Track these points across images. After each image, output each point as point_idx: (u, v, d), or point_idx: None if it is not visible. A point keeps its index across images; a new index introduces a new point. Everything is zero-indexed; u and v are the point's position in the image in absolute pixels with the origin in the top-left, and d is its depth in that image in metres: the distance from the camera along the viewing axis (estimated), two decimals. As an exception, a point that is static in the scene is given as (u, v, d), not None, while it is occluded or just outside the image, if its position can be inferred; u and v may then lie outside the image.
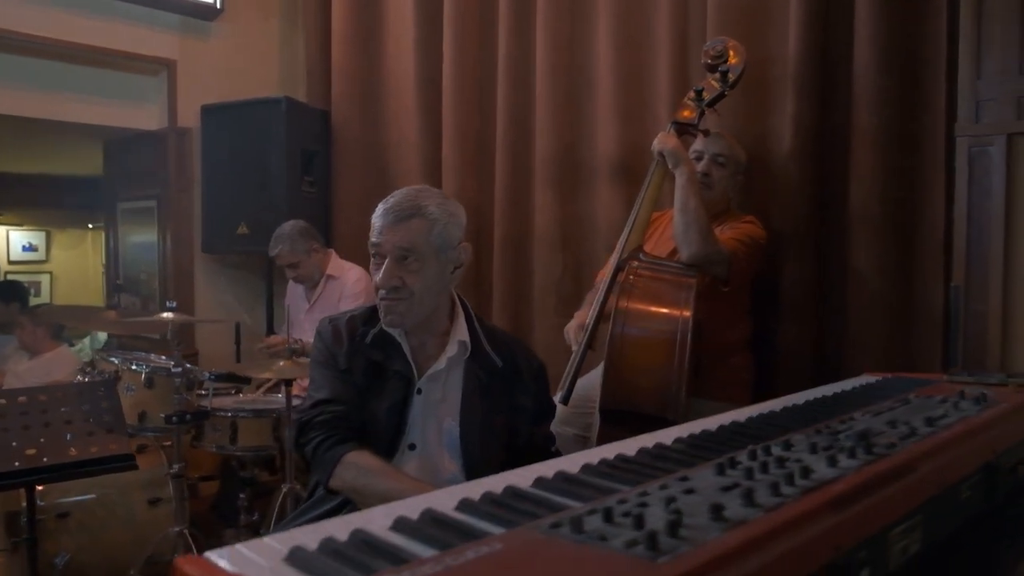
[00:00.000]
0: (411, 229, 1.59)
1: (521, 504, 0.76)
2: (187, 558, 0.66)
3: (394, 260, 1.60)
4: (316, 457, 1.56)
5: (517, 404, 1.72)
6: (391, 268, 1.60)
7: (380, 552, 0.64)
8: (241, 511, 2.99)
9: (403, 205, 1.61)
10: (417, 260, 1.60)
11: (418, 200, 1.62)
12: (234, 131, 3.88)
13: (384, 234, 1.60)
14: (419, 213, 1.60)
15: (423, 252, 1.60)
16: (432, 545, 0.66)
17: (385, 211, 1.62)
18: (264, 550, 0.67)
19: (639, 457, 0.92)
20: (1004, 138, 2.16)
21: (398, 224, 1.59)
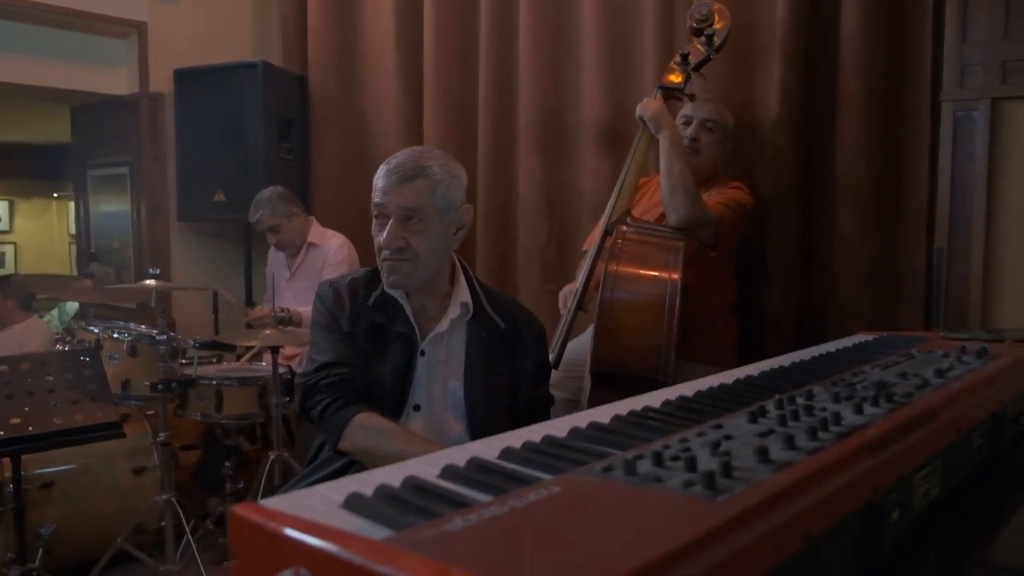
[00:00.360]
0: (415, 190, 1.58)
1: (563, 452, 0.77)
2: (245, 505, 0.65)
3: (398, 221, 1.59)
4: (324, 419, 1.55)
5: (518, 366, 1.73)
6: (395, 228, 1.59)
7: (436, 497, 0.65)
8: (227, 479, 2.97)
9: (407, 165, 1.60)
10: (421, 221, 1.59)
11: (421, 160, 1.61)
12: (209, 96, 3.80)
13: (388, 194, 1.59)
14: (423, 174, 1.59)
15: (427, 213, 1.59)
16: (484, 491, 0.66)
17: (388, 171, 1.60)
18: (317, 498, 0.67)
19: (667, 408, 0.94)
20: (988, 102, 2.20)
21: (402, 184, 1.58)
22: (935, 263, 2.32)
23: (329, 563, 0.54)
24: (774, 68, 2.57)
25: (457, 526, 0.57)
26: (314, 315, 1.69)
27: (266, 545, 0.61)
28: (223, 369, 3.13)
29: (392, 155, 1.66)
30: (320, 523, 0.58)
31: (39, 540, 2.51)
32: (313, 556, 0.56)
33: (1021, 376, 1.17)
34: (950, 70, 2.26)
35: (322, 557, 0.55)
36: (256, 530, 0.62)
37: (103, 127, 4.12)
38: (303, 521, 0.59)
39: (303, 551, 0.57)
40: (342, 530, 0.57)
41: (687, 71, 2.41)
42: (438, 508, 0.62)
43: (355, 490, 0.66)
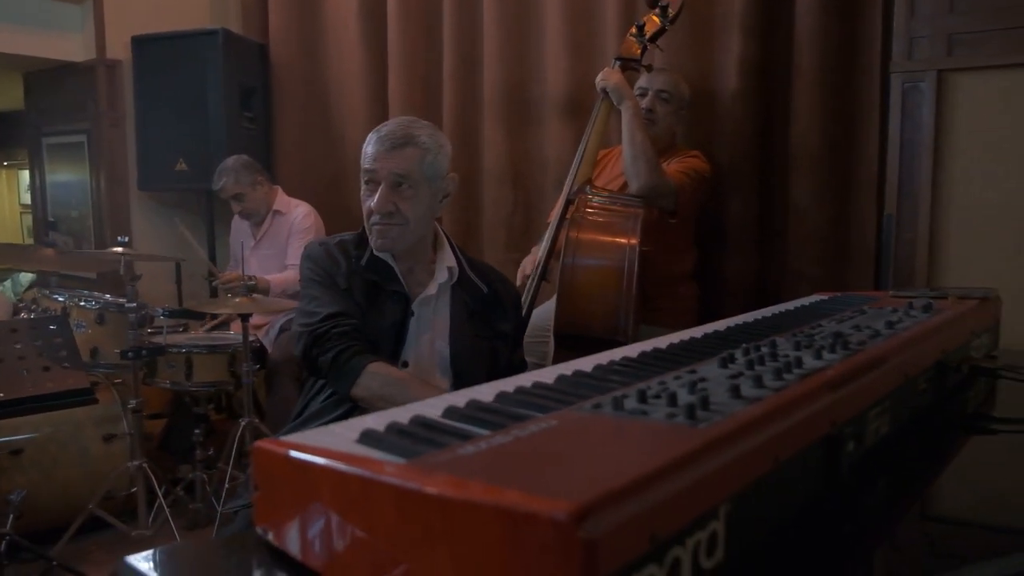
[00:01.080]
0: (406, 157, 1.64)
1: (553, 395, 0.83)
2: (266, 440, 0.71)
3: (388, 186, 1.65)
4: (336, 365, 1.59)
5: (499, 329, 1.80)
6: (386, 194, 1.64)
7: (444, 431, 0.71)
8: (196, 447, 3.00)
9: (397, 133, 1.65)
10: (411, 187, 1.65)
11: (411, 129, 1.67)
12: (168, 64, 3.75)
13: (379, 160, 1.65)
14: (412, 142, 1.65)
15: (416, 179, 1.66)
16: (487, 427, 0.72)
17: (379, 138, 1.66)
18: (332, 435, 0.72)
19: (644, 358, 1.01)
20: (935, 74, 2.31)
21: (393, 151, 1.64)
22: (884, 229, 2.44)
23: (358, 485, 0.60)
24: (732, 41, 2.65)
25: (469, 451, 0.63)
26: (306, 273, 1.73)
27: (293, 474, 0.67)
28: (191, 337, 3.14)
29: (380, 124, 1.72)
30: (346, 452, 0.64)
31: (9, 506, 2.51)
32: (342, 481, 0.62)
33: (963, 328, 1.27)
34: (899, 42, 2.36)
35: (352, 480, 0.61)
36: (283, 461, 0.68)
37: (59, 94, 4.03)
38: (329, 451, 0.65)
39: (331, 477, 0.63)
40: (368, 456, 0.63)
41: (643, 42, 2.48)
42: (447, 440, 0.68)
43: (369, 426, 0.72)
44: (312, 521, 0.65)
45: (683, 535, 0.57)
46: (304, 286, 1.75)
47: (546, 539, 0.49)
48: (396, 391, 1.54)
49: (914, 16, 2.33)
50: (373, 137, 1.69)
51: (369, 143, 1.69)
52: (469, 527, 0.52)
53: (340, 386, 1.61)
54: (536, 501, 0.50)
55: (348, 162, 3.83)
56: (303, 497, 0.66)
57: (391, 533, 0.58)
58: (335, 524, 0.63)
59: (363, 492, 0.60)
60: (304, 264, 1.76)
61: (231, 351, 2.96)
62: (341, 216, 3.72)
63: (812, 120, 2.56)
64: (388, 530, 0.58)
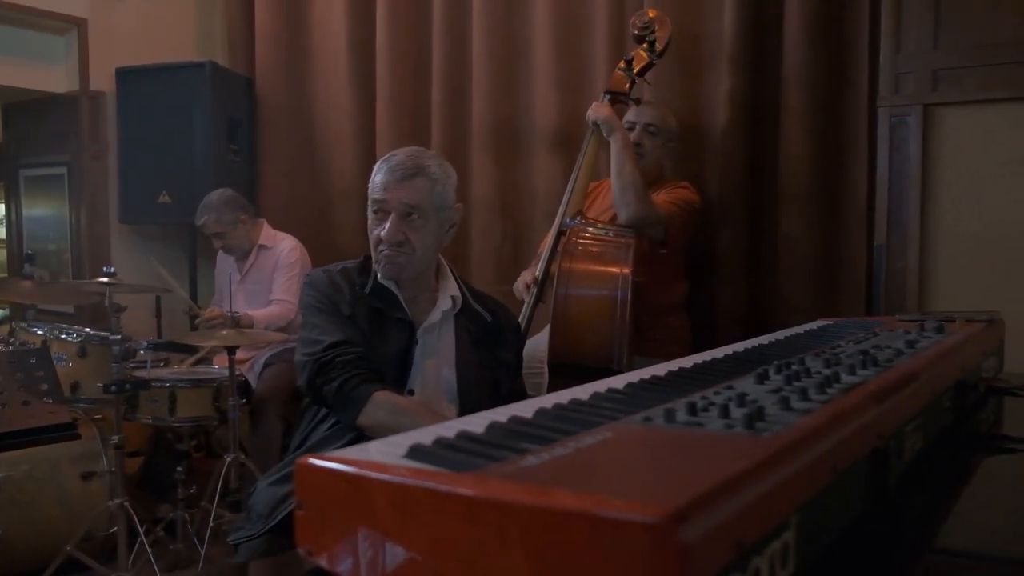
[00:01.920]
0: (416, 187, 1.65)
1: (593, 411, 0.82)
2: (312, 456, 0.68)
3: (399, 216, 1.65)
4: (342, 394, 1.56)
5: (500, 358, 1.79)
6: (396, 224, 1.65)
7: (495, 445, 0.69)
8: (178, 484, 2.91)
9: (407, 164, 1.66)
10: (420, 218, 1.66)
11: (420, 160, 1.68)
12: (154, 96, 3.73)
13: (389, 191, 1.65)
14: (422, 172, 1.66)
15: (426, 210, 1.66)
16: (538, 441, 0.70)
17: (390, 168, 1.65)
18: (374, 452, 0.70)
19: (674, 376, 1.00)
20: (920, 108, 2.37)
21: (403, 182, 1.64)
22: (875, 258, 2.48)
23: (423, 498, 0.58)
24: (721, 75, 2.70)
25: (532, 463, 0.61)
26: (308, 300, 1.71)
27: (345, 490, 0.64)
28: (174, 372, 3.07)
29: (388, 154, 1.71)
30: (404, 465, 0.62)
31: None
32: (404, 494, 0.59)
33: (976, 349, 1.28)
34: (885, 78, 2.43)
35: (415, 493, 0.58)
36: (333, 477, 0.65)
37: (39, 125, 3.99)
38: (384, 465, 0.63)
39: (391, 491, 0.60)
40: (432, 470, 0.61)
41: (631, 76, 2.52)
42: (502, 454, 0.66)
43: (417, 441, 0.70)
44: (366, 538, 0.63)
45: (762, 544, 0.56)
46: (306, 314, 1.72)
47: (640, 545, 0.47)
48: (404, 420, 1.51)
49: (900, 53, 2.40)
50: (383, 167, 1.69)
51: (378, 172, 1.69)
52: (553, 535, 0.50)
53: (346, 415, 1.57)
54: (629, 506, 0.48)
55: (335, 194, 3.81)
56: (356, 513, 0.63)
57: (459, 546, 0.55)
58: (393, 539, 0.60)
59: (428, 505, 0.57)
60: (306, 291, 1.74)
61: (216, 385, 2.89)
62: (327, 249, 3.69)
63: (801, 153, 2.60)
64: (455, 543, 0.56)
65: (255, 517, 1.63)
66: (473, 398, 1.70)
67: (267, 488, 1.65)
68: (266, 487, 1.66)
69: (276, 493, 1.61)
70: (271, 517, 1.58)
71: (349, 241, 3.79)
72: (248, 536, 1.59)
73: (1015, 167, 2.26)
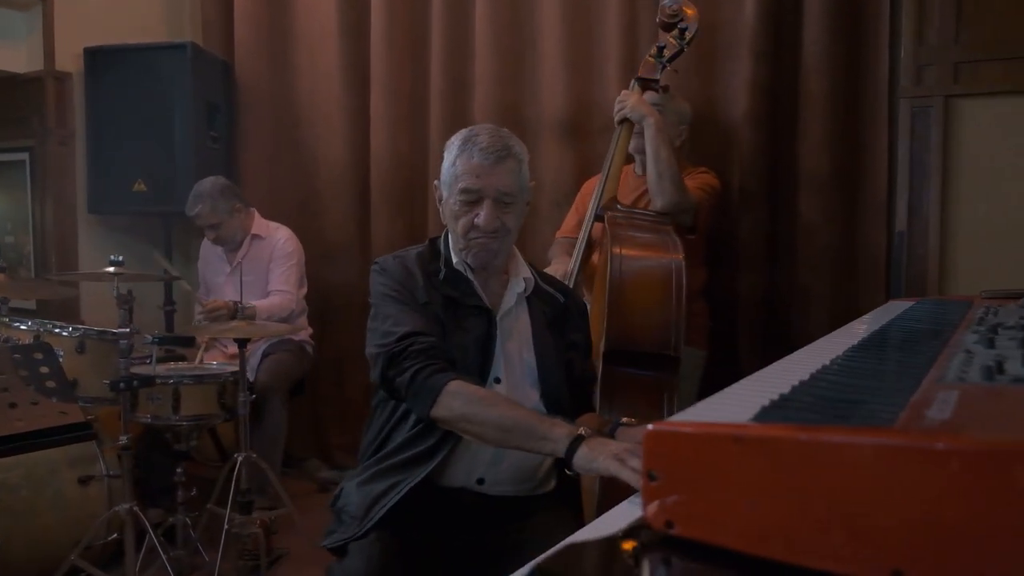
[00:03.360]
0: (508, 171, 1.59)
1: (884, 376, 0.80)
2: (664, 423, 0.64)
3: (493, 202, 1.57)
4: (414, 385, 1.49)
5: (571, 340, 1.75)
6: (492, 210, 1.57)
7: (845, 402, 0.66)
8: (178, 487, 2.75)
9: (497, 146, 1.58)
10: (513, 201, 1.60)
11: (506, 140, 1.61)
12: (126, 78, 3.52)
13: (483, 177, 1.57)
14: (511, 154, 1.60)
15: (516, 193, 1.61)
16: (885, 400, 0.68)
17: (481, 151, 1.57)
18: (718, 414, 0.66)
19: (880, 350, 0.99)
20: (942, 99, 2.45)
21: (496, 166, 1.57)
22: (896, 246, 2.55)
23: (824, 453, 0.55)
24: (742, 66, 2.73)
25: (937, 417, 0.59)
26: (379, 289, 1.63)
27: (716, 453, 0.60)
28: (177, 367, 2.90)
29: (467, 134, 1.62)
30: (776, 423, 0.59)
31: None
32: (809, 452, 0.56)
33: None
34: (907, 70, 2.50)
35: (826, 450, 0.55)
36: (700, 442, 0.61)
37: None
38: (762, 425, 0.59)
39: (791, 449, 0.57)
40: (813, 427, 0.58)
41: (662, 63, 2.52)
42: (870, 411, 0.64)
43: (764, 404, 0.67)
44: (747, 497, 0.59)
45: None
46: (378, 303, 1.64)
47: None
48: (480, 410, 1.45)
49: (922, 45, 2.48)
50: (470, 150, 1.58)
51: (465, 153, 1.58)
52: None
53: (419, 407, 1.50)
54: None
55: (321, 183, 3.69)
56: (729, 475, 0.59)
57: (880, 496, 0.53)
58: (796, 497, 0.57)
59: (832, 459, 0.54)
60: (379, 279, 1.65)
61: (222, 381, 2.75)
62: (313, 239, 3.57)
63: (821, 142, 2.65)
64: (877, 494, 0.53)
65: (348, 519, 1.56)
66: (554, 381, 1.66)
67: (358, 489, 1.59)
68: (356, 488, 1.59)
69: (370, 493, 1.55)
70: (368, 517, 1.52)
71: (337, 232, 3.67)
72: (346, 538, 1.51)
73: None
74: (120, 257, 2.43)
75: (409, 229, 3.52)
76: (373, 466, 1.60)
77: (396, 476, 1.54)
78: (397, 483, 1.52)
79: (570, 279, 2.49)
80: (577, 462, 1.29)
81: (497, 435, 1.43)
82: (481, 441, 1.47)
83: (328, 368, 3.70)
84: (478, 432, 1.44)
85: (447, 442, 1.53)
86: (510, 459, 1.58)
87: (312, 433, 3.78)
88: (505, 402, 1.48)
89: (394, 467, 1.55)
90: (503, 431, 1.41)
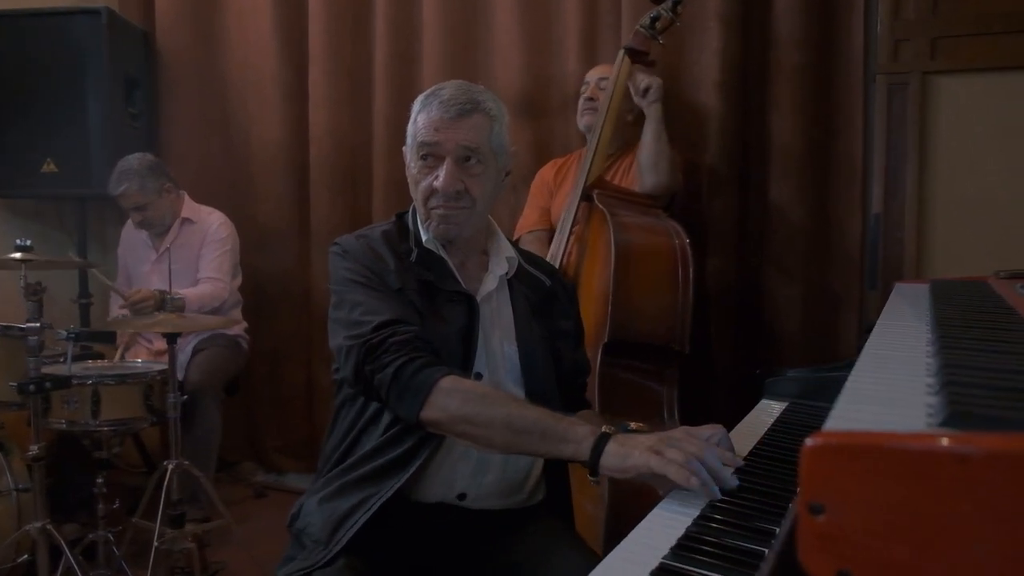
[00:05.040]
0: (474, 126, 1.37)
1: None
2: (826, 435, 0.46)
3: (455, 161, 1.37)
4: (399, 384, 1.26)
5: (559, 328, 1.56)
6: (453, 170, 1.36)
7: None
8: (99, 499, 2.45)
9: (461, 99, 1.37)
10: (480, 163, 1.39)
11: (473, 94, 1.40)
12: (30, 46, 3.15)
13: (442, 131, 1.36)
14: (479, 108, 1.38)
15: (484, 154, 1.39)
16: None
17: (441, 103, 1.37)
18: (859, 420, 0.49)
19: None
20: (919, 75, 2.37)
21: (460, 120, 1.36)
22: (871, 228, 2.46)
23: None
24: (714, 39, 2.60)
25: None
26: (342, 274, 1.40)
27: (948, 475, 0.43)
28: (98, 366, 2.60)
29: (434, 87, 1.43)
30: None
31: None
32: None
33: None
34: (884, 45, 2.41)
35: None
36: (910, 460, 0.44)
37: None
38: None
39: None
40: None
41: (654, 36, 2.39)
42: None
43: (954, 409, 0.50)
44: (990, 543, 0.42)
45: None
46: (343, 290, 1.40)
47: None
48: (484, 408, 1.23)
49: (898, 20, 2.39)
50: (431, 102, 1.39)
51: (426, 108, 1.39)
52: None
53: (406, 408, 1.27)
54: None
55: (255, 164, 3.41)
56: (966, 510, 0.42)
57: None
58: None
59: None
60: (341, 264, 1.42)
61: (147, 381, 2.47)
62: (246, 225, 3.29)
63: (794, 119, 2.55)
64: None
65: (309, 543, 1.33)
66: (539, 376, 1.46)
67: (320, 507, 1.35)
68: (318, 505, 1.36)
69: (335, 511, 1.32)
70: (334, 540, 1.29)
71: (273, 215, 3.41)
72: (308, 567, 1.28)
73: (1007, 134, 2.31)
74: (27, 241, 2.12)
75: (352, 213, 3.28)
76: (337, 478, 1.37)
77: (365, 490, 1.31)
78: (366, 499, 1.30)
79: (561, 258, 2.34)
80: (607, 462, 1.10)
81: (506, 438, 1.21)
82: (485, 446, 1.25)
83: (263, 364, 3.44)
84: (482, 435, 1.22)
85: (424, 448, 1.31)
86: (495, 471, 1.38)
87: (245, 434, 3.52)
88: (511, 399, 1.27)
89: (362, 479, 1.33)
90: (513, 433, 1.20)
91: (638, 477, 1.07)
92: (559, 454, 1.18)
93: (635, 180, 2.44)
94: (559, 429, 1.17)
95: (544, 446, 1.19)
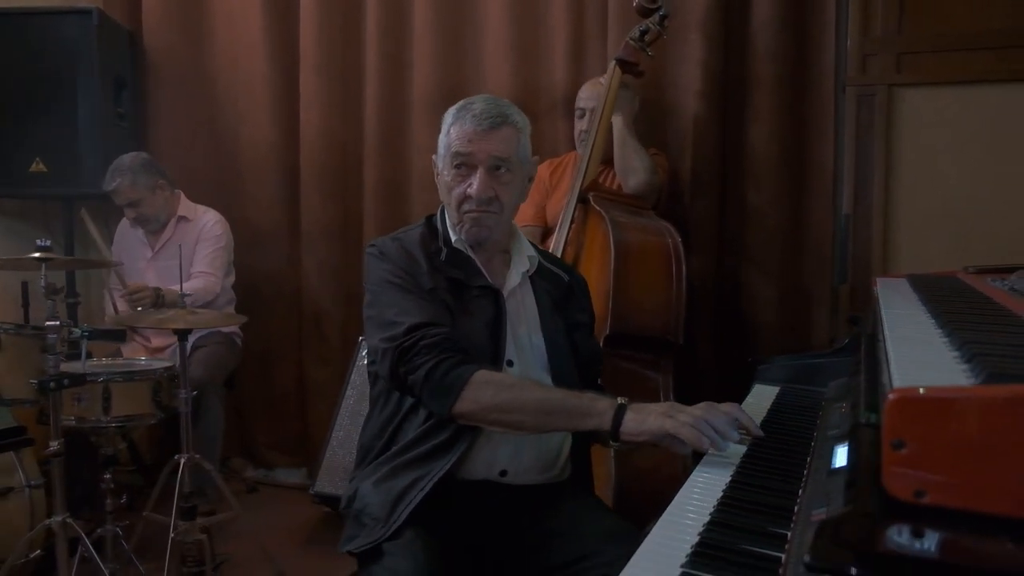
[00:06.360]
0: (504, 138, 1.52)
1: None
2: (905, 390, 0.61)
3: (487, 170, 1.51)
4: (431, 383, 1.40)
5: (576, 320, 1.71)
6: (485, 179, 1.51)
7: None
8: (107, 495, 2.51)
9: (492, 112, 1.52)
10: (509, 171, 1.54)
11: (503, 108, 1.55)
12: (21, 45, 3.17)
13: (475, 142, 1.50)
14: (508, 121, 1.53)
15: (513, 163, 1.54)
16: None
17: (475, 117, 1.51)
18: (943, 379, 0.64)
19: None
20: (886, 88, 2.58)
21: (492, 132, 1.50)
22: (842, 228, 2.66)
23: None
24: (696, 50, 2.76)
25: None
26: (378, 275, 1.53)
27: (978, 419, 0.58)
28: (101, 364, 2.64)
29: (464, 101, 1.56)
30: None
31: None
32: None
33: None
34: (854, 59, 2.61)
35: None
36: (956, 407, 0.59)
37: None
38: None
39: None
40: None
41: (644, 48, 2.53)
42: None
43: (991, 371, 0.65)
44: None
45: None
46: (377, 291, 1.53)
47: None
48: (516, 395, 1.39)
49: (867, 36, 2.59)
50: (463, 116, 1.53)
51: (459, 121, 1.53)
52: None
53: (439, 404, 1.41)
54: None
55: (244, 164, 3.47)
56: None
57: None
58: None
59: None
60: (377, 265, 1.55)
61: (156, 378, 2.53)
62: (236, 225, 3.33)
63: (770, 127, 2.73)
64: None
65: (370, 521, 1.45)
66: (563, 364, 1.61)
67: (375, 488, 1.48)
68: (373, 487, 1.48)
69: (391, 490, 1.45)
70: (392, 517, 1.41)
71: (263, 216, 3.47)
72: (374, 540, 1.40)
73: (965, 142, 2.52)
74: (47, 241, 2.18)
75: (344, 215, 3.37)
76: (387, 463, 1.50)
77: (417, 471, 1.45)
78: (419, 479, 1.44)
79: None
80: (627, 428, 1.29)
81: (538, 419, 1.38)
82: (518, 429, 1.41)
83: (254, 362, 3.50)
84: (516, 420, 1.38)
85: (465, 434, 1.46)
86: (531, 450, 1.52)
87: (236, 430, 3.57)
88: (536, 385, 1.44)
89: (412, 462, 1.47)
90: (545, 414, 1.37)
91: (652, 439, 1.27)
92: (586, 426, 1.36)
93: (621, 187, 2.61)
94: (583, 405, 1.36)
95: (572, 422, 1.38)
